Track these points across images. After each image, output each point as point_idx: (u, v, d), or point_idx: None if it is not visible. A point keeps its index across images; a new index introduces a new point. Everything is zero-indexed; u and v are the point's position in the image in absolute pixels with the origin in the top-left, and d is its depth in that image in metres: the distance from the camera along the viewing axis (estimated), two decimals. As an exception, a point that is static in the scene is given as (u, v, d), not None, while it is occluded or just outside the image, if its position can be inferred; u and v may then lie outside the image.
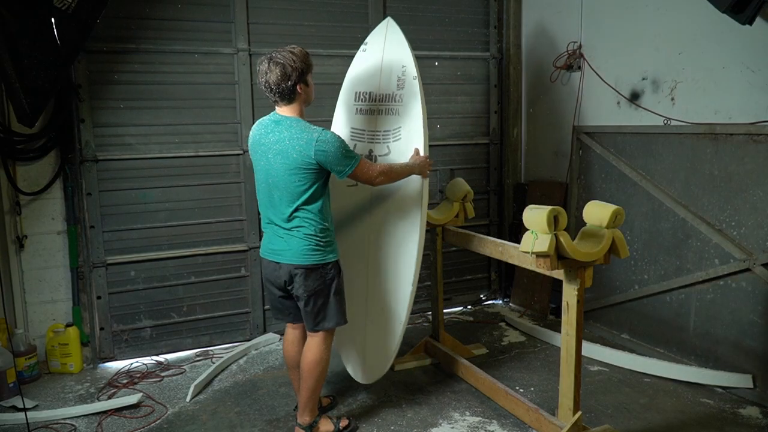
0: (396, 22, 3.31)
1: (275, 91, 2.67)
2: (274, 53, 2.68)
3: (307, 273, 2.73)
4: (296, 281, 2.75)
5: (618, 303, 4.04)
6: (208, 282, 4.10)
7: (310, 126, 2.68)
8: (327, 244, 2.76)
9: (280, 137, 2.67)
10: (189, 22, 3.89)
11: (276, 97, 2.70)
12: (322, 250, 2.74)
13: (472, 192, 3.56)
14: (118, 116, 3.81)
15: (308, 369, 2.83)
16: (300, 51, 2.71)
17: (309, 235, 2.70)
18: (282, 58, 2.65)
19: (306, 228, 2.70)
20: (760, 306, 3.17)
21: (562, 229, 2.46)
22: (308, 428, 2.90)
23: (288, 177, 2.66)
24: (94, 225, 3.81)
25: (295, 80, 2.66)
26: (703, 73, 3.46)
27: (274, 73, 2.63)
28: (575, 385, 2.64)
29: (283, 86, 2.65)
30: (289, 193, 2.69)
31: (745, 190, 3.21)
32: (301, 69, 2.68)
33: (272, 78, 2.64)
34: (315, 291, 2.75)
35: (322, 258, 2.75)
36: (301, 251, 2.71)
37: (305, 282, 2.73)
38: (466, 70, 4.77)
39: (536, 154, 4.90)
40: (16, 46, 3.14)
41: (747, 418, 3.01)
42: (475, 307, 4.95)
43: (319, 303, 2.77)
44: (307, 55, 2.75)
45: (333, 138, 2.64)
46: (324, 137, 2.62)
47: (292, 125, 2.69)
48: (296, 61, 2.66)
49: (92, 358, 3.88)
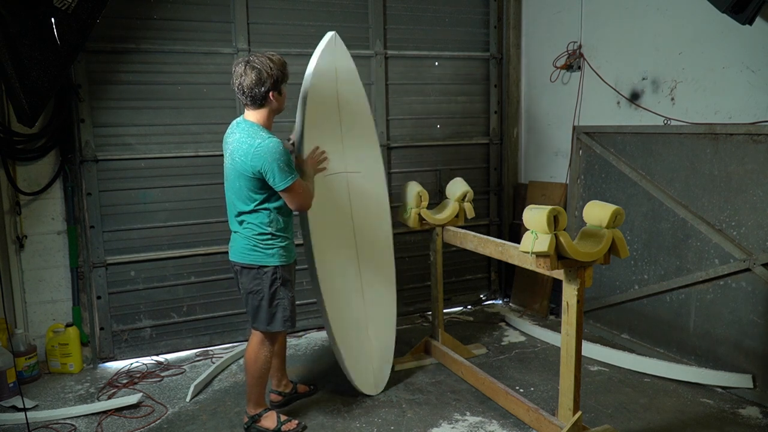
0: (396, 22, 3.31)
1: (247, 94, 2.69)
2: (252, 57, 2.70)
3: (244, 271, 2.82)
4: (237, 278, 2.89)
5: (618, 303, 4.04)
6: (208, 282, 4.10)
7: (260, 133, 2.68)
8: (268, 247, 2.79)
9: (234, 139, 2.74)
10: (189, 22, 3.89)
11: (247, 100, 2.72)
12: (262, 253, 2.79)
13: (471, 192, 3.56)
14: (118, 116, 3.81)
15: (246, 365, 2.96)
16: (278, 59, 2.72)
17: (251, 236, 2.79)
18: (259, 63, 2.66)
19: (250, 230, 2.79)
20: (760, 306, 3.17)
21: (562, 229, 2.46)
22: (250, 419, 2.98)
23: (235, 180, 2.74)
24: (94, 225, 3.81)
25: (268, 87, 2.68)
26: (703, 73, 3.46)
27: (249, 77, 2.65)
28: (575, 385, 2.64)
29: (255, 91, 2.67)
30: (237, 196, 2.78)
31: (745, 190, 3.21)
32: (277, 77, 2.69)
33: (246, 81, 2.66)
34: (250, 290, 2.82)
35: (260, 259, 2.79)
36: (241, 249, 2.82)
37: (241, 279, 2.87)
38: (466, 70, 4.77)
39: (536, 154, 4.90)
40: (16, 46, 3.14)
41: (747, 418, 3.01)
42: (475, 307, 4.95)
43: (254, 303, 2.83)
44: (285, 65, 2.76)
45: (273, 148, 2.62)
46: (264, 145, 2.62)
47: (245, 129, 2.72)
48: (273, 69, 2.67)
49: (92, 358, 3.89)
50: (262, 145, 2.62)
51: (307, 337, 4.31)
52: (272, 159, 2.61)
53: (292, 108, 4.18)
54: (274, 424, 2.96)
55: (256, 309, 2.84)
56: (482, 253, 3.27)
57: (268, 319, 2.85)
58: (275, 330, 2.87)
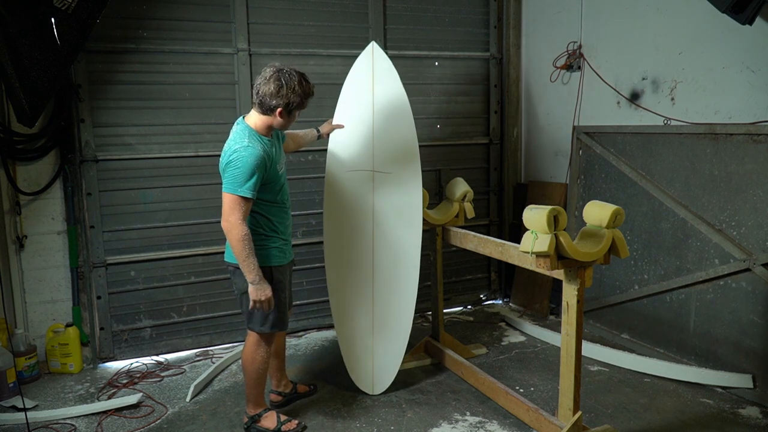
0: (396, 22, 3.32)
1: (259, 97, 2.68)
2: (286, 69, 2.68)
3: (237, 272, 2.80)
4: (232, 279, 2.90)
5: (618, 303, 4.04)
6: (208, 282, 4.10)
7: (245, 138, 2.67)
8: (261, 248, 2.78)
9: (227, 140, 2.75)
10: (189, 22, 3.89)
11: (256, 100, 2.72)
12: None
13: (472, 192, 3.56)
14: (118, 116, 3.81)
15: (243, 365, 2.96)
16: (307, 86, 2.70)
17: None
18: (286, 79, 2.65)
19: None
20: (760, 306, 3.17)
21: (562, 229, 2.46)
22: (250, 419, 2.98)
23: (223, 178, 2.72)
24: (94, 225, 3.81)
25: (281, 104, 2.66)
26: (703, 73, 3.46)
27: (269, 86, 2.64)
28: (575, 385, 2.64)
29: (267, 100, 2.66)
30: None
31: (745, 190, 3.21)
32: (293, 102, 2.68)
33: (264, 88, 2.66)
34: (244, 291, 2.81)
35: None
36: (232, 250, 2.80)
37: (234, 280, 2.87)
38: (466, 70, 4.77)
39: (536, 154, 4.90)
40: (16, 46, 3.14)
41: (747, 418, 3.01)
42: (475, 307, 4.95)
43: (248, 304, 2.81)
44: (309, 95, 2.73)
45: (246, 158, 2.60)
46: (239, 152, 2.61)
47: (237, 131, 2.73)
48: (295, 93, 2.66)
49: (92, 358, 3.89)
50: (237, 152, 2.61)
51: (307, 337, 4.31)
52: (235, 166, 2.60)
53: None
54: (274, 424, 2.96)
55: (251, 310, 2.84)
56: (482, 253, 3.27)
57: (261, 321, 2.85)
58: (267, 331, 2.87)
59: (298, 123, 4.17)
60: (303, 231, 4.31)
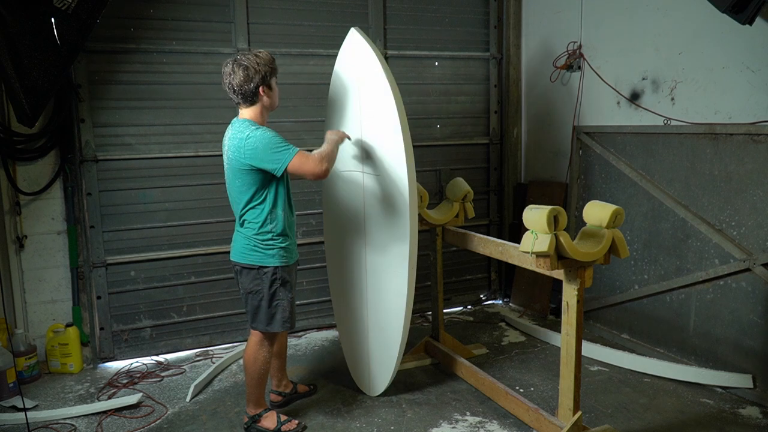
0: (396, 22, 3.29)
1: (238, 92, 2.70)
2: (239, 56, 2.72)
3: (244, 271, 2.82)
4: (237, 278, 2.89)
5: (618, 303, 4.04)
6: (208, 282, 4.11)
7: (250, 126, 2.69)
8: (269, 247, 2.79)
9: (229, 137, 2.76)
10: (189, 22, 3.89)
11: (238, 98, 2.74)
12: (262, 253, 2.79)
13: (472, 192, 3.56)
14: (118, 116, 3.81)
15: (245, 365, 2.95)
16: (265, 55, 2.75)
17: (251, 236, 2.79)
18: (246, 60, 2.69)
19: (250, 229, 2.79)
20: (760, 306, 3.17)
21: (562, 229, 2.46)
22: (250, 419, 2.98)
23: (232, 178, 2.76)
24: (94, 225, 3.81)
25: (258, 82, 2.69)
26: (703, 73, 3.46)
27: (237, 76, 2.67)
28: (575, 385, 2.64)
29: (245, 88, 2.68)
30: (236, 194, 2.79)
31: (745, 190, 3.21)
32: (265, 72, 2.70)
33: (235, 80, 2.68)
34: (250, 291, 2.82)
35: (260, 260, 2.79)
36: (241, 249, 2.82)
37: (241, 279, 2.87)
38: (466, 70, 4.77)
39: (536, 154, 4.90)
40: (16, 46, 3.14)
41: (747, 418, 3.01)
42: (475, 307, 4.95)
43: (254, 304, 2.84)
44: (273, 60, 2.77)
45: (262, 135, 2.64)
46: (253, 135, 2.64)
47: (237, 126, 2.74)
48: (260, 64, 2.69)
49: (92, 358, 3.89)
50: (251, 136, 2.64)
51: (307, 337, 4.32)
52: (263, 147, 2.62)
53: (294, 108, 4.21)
54: (274, 425, 2.96)
55: (255, 309, 2.85)
56: (482, 253, 3.27)
57: (267, 320, 2.85)
58: (274, 330, 2.87)
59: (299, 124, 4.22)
60: (303, 231, 4.31)
